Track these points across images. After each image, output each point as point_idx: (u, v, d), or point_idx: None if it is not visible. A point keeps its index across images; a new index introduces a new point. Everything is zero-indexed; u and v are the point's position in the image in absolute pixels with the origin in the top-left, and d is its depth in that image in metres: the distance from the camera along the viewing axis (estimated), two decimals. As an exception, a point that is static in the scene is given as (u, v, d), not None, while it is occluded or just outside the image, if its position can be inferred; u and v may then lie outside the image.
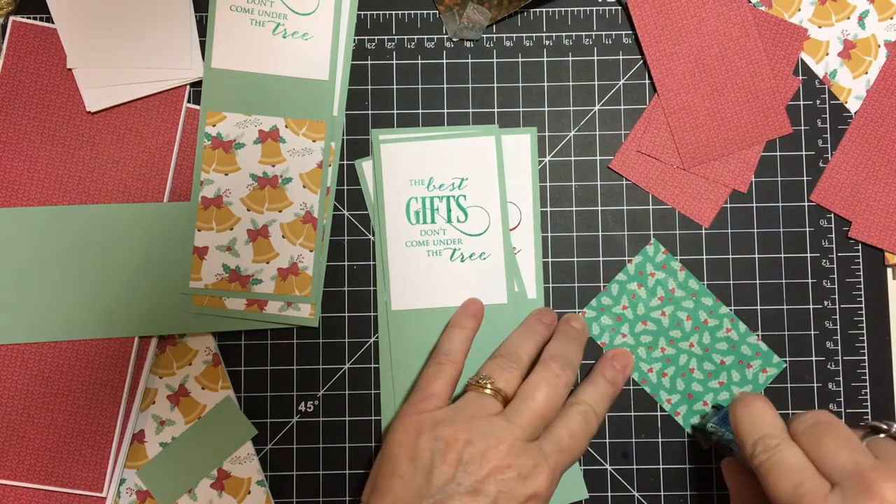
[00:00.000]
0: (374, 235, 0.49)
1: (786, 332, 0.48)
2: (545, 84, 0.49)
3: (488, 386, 0.41)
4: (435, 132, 0.48)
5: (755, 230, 0.49)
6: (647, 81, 0.49)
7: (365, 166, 0.49)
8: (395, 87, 0.49)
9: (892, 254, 0.48)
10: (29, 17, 0.49)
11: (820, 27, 0.49)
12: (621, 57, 0.50)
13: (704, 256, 0.49)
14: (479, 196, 0.48)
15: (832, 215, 0.49)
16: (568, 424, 0.40)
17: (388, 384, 0.47)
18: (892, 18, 0.49)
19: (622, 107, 0.49)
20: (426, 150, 0.48)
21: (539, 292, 0.48)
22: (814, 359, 0.48)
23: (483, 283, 0.47)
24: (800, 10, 0.49)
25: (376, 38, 0.50)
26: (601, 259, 0.49)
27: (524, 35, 0.50)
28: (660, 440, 0.48)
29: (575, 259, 0.49)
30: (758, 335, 0.48)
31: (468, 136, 0.48)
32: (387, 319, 0.47)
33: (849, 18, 0.49)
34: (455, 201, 0.48)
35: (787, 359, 0.48)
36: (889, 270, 0.48)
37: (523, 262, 0.48)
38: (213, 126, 0.48)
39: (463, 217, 0.48)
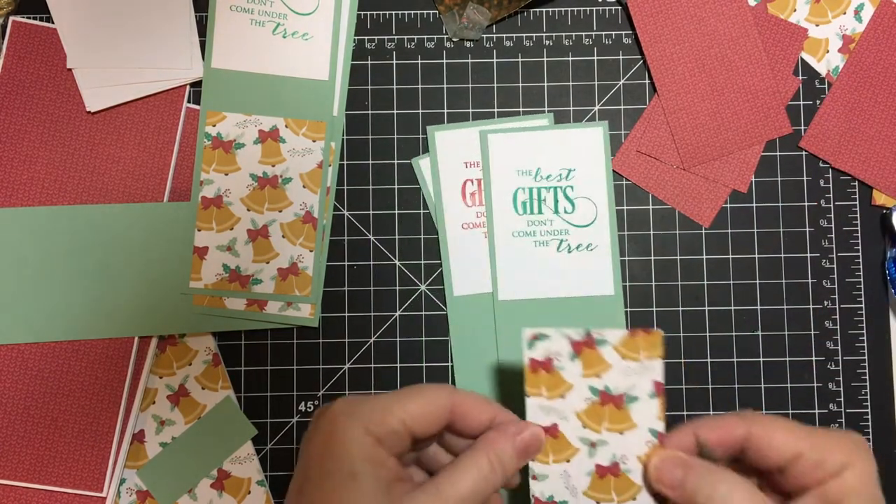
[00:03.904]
0: (437, 228, 0.49)
1: (786, 332, 0.48)
2: (545, 84, 0.49)
3: None
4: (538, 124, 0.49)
5: (755, 230, 0.49)
6: (647, 81, 0.49)
7: (422, 164, 0.49)
8: (395, 87, 0.49)
9: (880, 192, 0.48)
10: (29, 17, 0.49)
11: (817, 25, 0.49)
12: (621, 57, 0.50)
13: (704, 256, 0.49)
14: (587, 187, 0.48)
15: (832, 215, 0.49)
16: None
17: (495, 372, 0.48)
18: (892, 18, 0.49)
19: (622, 107, 0.49)
20: (534, 141, 0.48)
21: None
22: (814, 359, 0.48)
23: (589, 275, 0.47)
24: (795, 10, 0.49)
25: (376, 38, 0.50)
26: (601, 259, 0.49)
27: (524, 35, 0.50)
28: (660, 440, 0.48)
29: (575, 259, 0.49)
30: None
31: (575, 128, 0.48)
32: (493, 309, 0.47)
33: (845, 13, 0.49)
34: (562, 192, 0.48)
35: (788, 359, 0.48)
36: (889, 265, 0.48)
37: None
38: (213, 126, 0.48)
39: (570, 208, 0.48)
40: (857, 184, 0.49)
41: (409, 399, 0.35)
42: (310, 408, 0.48)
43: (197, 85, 0.49)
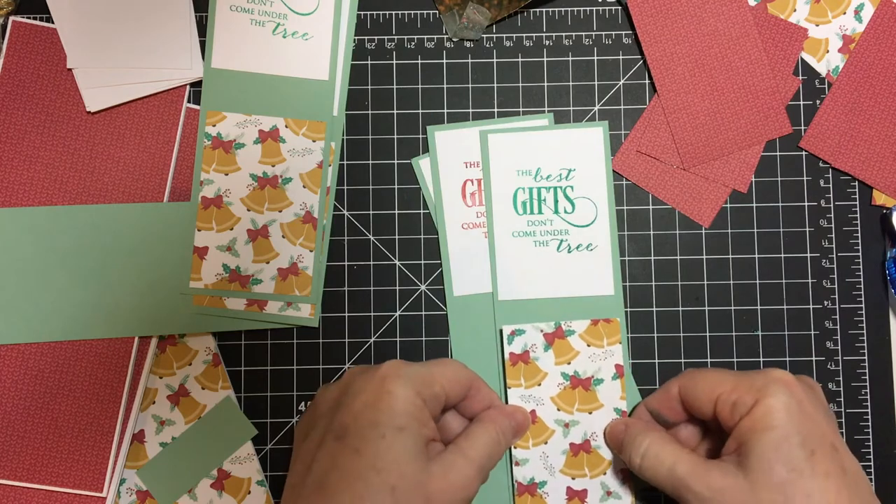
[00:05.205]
0: (437, 228, 0.49)
1: (786, 332, 0.48)
2: (545, 84, 0.49)
3: None
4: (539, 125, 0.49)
5: (755, 230, 0.49)
6: (647, 81, 0.49)
7: (422, 164, 0.49)
8: (395, 87, 0.49)
9: (880, 192, 0.48)
10: (29, 17, 0.49)
11: (817, 25, 0.49)
12: (621, 57, 0.50)
13: (704, 256, 0.49)
14: (587, 187, 0.48)
15: (832, 215, 0.49)
16: None
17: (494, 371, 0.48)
18: (892, 18, 0.49)
19: (622, 107, 0.49)
20: (534, 141, 0.48)
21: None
22: (814, 359, 0.48)
23: (589, 275, 0.47)
24: (795, 10, 0.49)
25: (376, 38, 0.50)
26: (601, 259, 0.49)
27: (524, 35, 0.50)
28: (660, 440, 0.48)
29: (575, 259, 0.49)
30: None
31: (575, 128, 0.48)
32: (493, 309, 0.47)
33: (845, 13, 0.49)
34: (562, 192, 0.48)
35: (788, 359, 0.48)
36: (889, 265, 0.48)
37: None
38: (213, 126, 0.48)
39: (570, 208, 0.48)
40: (857, 184, 0.49)
41: (445, 367, 0.41)
42: (310, 408, 0.48)
43: (197, 85, 0.49)
